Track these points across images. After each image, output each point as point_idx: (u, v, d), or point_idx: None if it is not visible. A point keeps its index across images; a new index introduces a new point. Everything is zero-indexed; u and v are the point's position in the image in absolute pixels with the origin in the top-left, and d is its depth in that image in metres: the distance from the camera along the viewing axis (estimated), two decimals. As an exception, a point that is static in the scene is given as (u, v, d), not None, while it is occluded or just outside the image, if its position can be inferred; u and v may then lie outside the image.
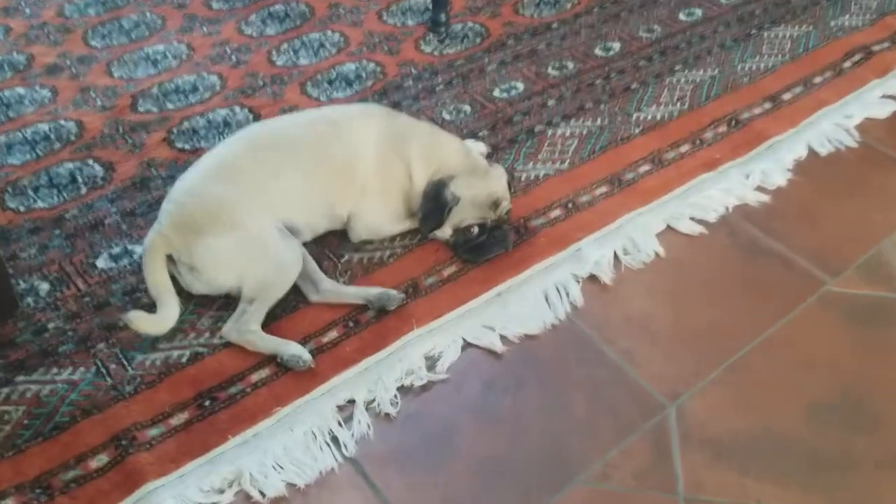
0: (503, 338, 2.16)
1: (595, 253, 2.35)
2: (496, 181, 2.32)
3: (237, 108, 2.86)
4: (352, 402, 1.99)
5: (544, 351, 2.14)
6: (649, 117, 2.86)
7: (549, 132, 2.79)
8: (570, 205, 2.52)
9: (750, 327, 2.21)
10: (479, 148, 2.65)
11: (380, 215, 2.34)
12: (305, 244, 2.30)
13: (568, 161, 2.68)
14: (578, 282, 2.30)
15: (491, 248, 2.30)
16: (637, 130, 2.80)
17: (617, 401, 2.02)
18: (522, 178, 2.61)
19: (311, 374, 2.02)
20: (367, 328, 2.14)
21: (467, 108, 2.89)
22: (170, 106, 2.87)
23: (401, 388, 2.03)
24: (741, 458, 1.90)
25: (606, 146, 2.73)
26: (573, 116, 2.86)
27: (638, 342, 2.16)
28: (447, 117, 2.84)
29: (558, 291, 2.27)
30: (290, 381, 2.01)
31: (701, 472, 1.87)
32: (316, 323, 2.15)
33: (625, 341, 2.16)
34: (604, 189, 2.58)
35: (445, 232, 2.32)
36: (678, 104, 2.93)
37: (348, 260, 2.32)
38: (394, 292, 2.18)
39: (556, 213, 2.49)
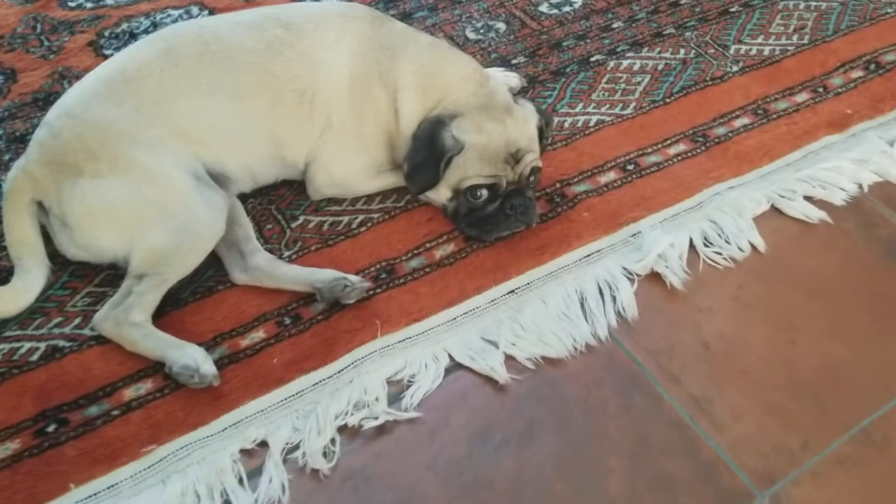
0: (510, 360, 1.44)
1: (661, 240, 1.60)
2: (519, 124, 1.57)
3: (195, 9, 2.16)
4: (265, 445, 1.31)
5: (572, 386, 1.42)
6: (753, 52, 2.07)
7: (611, 64, 2.01)
8: (630, 166, 1.76)
9: (891, 373, 1.44)
10: (510, 81, 1.90)
11: (350, 165, 1.62)
12: (244, 198, 1.62)
13: (633, 105, 1.91)
14: (633, 281, 1.56)
15: (506, 222, 1.57)
16: (735, 69, 2.01)
17: (679, 478, 1.29)
18: (565, 125, 1.85)
19: (211, 397, 1.35)
20: (308, 330, 1.45)
21: (501, 25, 2.13)
22: (109, 2, 2.19)
23: (343, 430, 1.34)
24: None
25: (690, 88, 1.96)
26: (646, 45, 2.08)
27: (717, 385, 1.42)
28: (472, 37, 2.09)
29: (601, 294, 1.53)
30: (178, 404, 1.34)
31: None
32: (236, 316, 1.47)
33: (697, 382, 1.42)
34: (682, 147, 1.81)
35: (442, 194, 1.59)
36: (794, 36, 2.12)
37: (302, 224, 1.62)
38: (355, 278, 1.48)
39: (608, 176, 1.74)
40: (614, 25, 2.14)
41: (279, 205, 1.65)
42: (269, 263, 1.50)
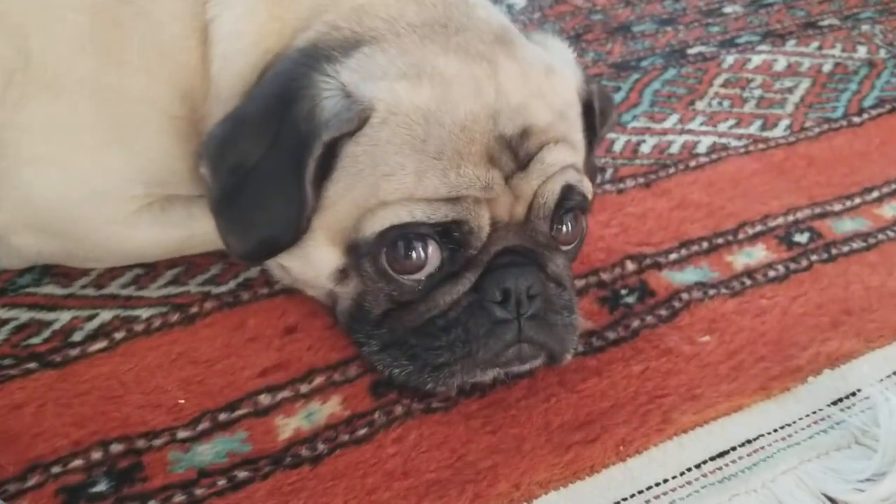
0: None
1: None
2: (532, 73, 0.58)
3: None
4: None
5: None
6: None
7: (729, 59, 1.05)
8: (800, 236, 0.76)
9: None
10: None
11: (81, 171, 0.62)
12: None
13: (786, 123, 0.93)
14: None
15: (488, 341, 0.54)
16: (972, 82, 1.03)
17: None
18: (642, 149, 0.87)
19: None
20: None
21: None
22: None
23: None
24: None
25: (895, 103, 0.97)
26: (791, 37, 1.11)
27: None
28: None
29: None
30: None
31: None
32: None
33: None
34: (909, 206, 0.80)
35: (319, 258, 0.58)
36: None
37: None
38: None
39: (752, 255, 0.73)
40: (726, 10, 1.18)
41: None
42: None
